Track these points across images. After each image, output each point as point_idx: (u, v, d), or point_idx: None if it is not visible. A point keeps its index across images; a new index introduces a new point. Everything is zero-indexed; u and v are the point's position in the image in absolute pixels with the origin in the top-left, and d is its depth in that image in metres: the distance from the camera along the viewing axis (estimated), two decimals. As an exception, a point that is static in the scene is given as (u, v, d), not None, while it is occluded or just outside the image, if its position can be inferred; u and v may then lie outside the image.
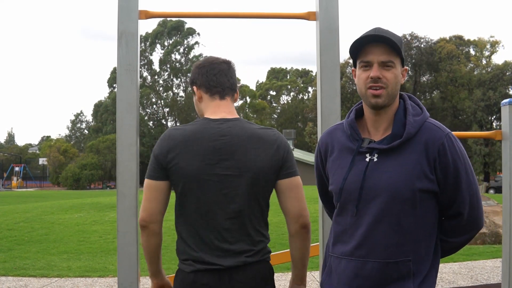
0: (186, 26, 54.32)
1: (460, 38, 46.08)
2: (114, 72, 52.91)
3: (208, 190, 2.01)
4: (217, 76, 2.14)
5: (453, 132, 1.94)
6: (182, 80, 55.52)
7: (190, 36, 54.73)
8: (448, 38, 45.51)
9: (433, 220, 1.87)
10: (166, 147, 2.03)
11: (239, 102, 56.91)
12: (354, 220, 1.87)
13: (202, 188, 2.01)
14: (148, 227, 2.05)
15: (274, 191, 2.14)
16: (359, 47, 1.87)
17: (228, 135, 2.03)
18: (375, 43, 1.84)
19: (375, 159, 1.85)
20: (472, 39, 45.96)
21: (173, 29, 53.91)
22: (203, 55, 55.30)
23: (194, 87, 2.19)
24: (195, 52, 55.15)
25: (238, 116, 2.15)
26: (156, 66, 55.20)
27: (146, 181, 2.06)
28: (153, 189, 2.04)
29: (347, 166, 1.90)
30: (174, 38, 54.52)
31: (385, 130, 1.90)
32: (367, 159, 1.86)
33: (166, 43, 54.77)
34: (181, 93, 55.57)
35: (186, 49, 54.56)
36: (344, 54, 45.87)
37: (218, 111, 2.12)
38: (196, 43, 54.90)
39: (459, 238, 1.92)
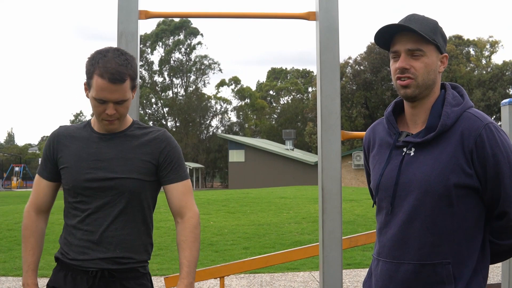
0: (191, 25, 54.27)
1: (459, 38, 46.12)
2: (114, 72, 52.71)
3: None
4: None
5: None
6: (183, 79, 55.51)
7: (193, 37, 54.70)
8: (447, 38, 45.51)
9: (476, 220, 1.71)
10: None
11: (239, 102, 56.91)
12: (389, 218, 1.76)
13: None
14: None
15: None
16: (390, 37, 1.77)
17: None
18: (402, 31, 1.74)
19: (412, 153, 1.74)
20: (471, 39, 45.99)
21: (177, 28, 53.89)
22: (208, 56, 55.34)
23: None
24: (196, 52, 55.15)
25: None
26: (156, 66, 55.18)
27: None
28: None
29: (384, 161, 1.80)
30: (176, 37, 54.49)
31: (423, 123, 1.78)
32: (404, 154, 1.76)
33: (168, 42, 54.75)
34: (182, 93, 55.57)
35: (188, 49, 54.56)
36: (344, 54, 45.88)
37: None
38: (199, 43, 54.89)
39: (508, 241, 1.73)
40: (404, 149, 1.76)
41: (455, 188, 1.66)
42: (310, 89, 58.63)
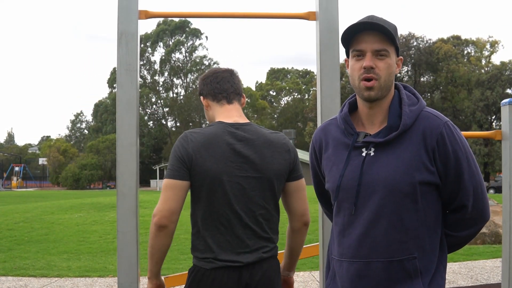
0: (191, 26, 54.18)
1: (458, 38, 46.13)
2: (114, 72, 52.88)
3: (231, 191, 2.10)
4: (220, 84, 2.28)
5: None
6: (183, 80, 55.43)
7: (195, 37, 54.60)
8: (445, 39, 45.56)
9: (436, 215, 1.77)
10: (190, 148, 2.10)
11: (239, 103, 56.83)
12: (353, 219, 1.76)
13: (225, 190, 2.10)
14: (168, 227, 2.06)
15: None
16: (352, 35, 1.77)
17: (244, 140, 2.15)
18: (368, 31, 1.74)
19: (372, 154, 1.75)
20: (470, 39, 46.00)
21: (177, 28, 53.82)
22: (206, 57, 55.28)
23: (201, 97, 2.33)
24: (198, 53, 55.04)
25: (248, 121, 2.26)
26: (157, 66, 55.09)
27: (168, 181, 2.09)
28: (177, 189, 2.08)
29: (343, 163, 1.80)
30: (176, 37, 54.41)
31: (380, 123, 1.80)
32: (364, 154, 1.77)
33: (168, 43, 54.64)
34: (182, 93, 55.49)
35: (189, 49, 54.49)
36: (344, 54, 45.78)
37: (230, 115, 2.23)
38: (200, 44, 54.84)
39: (465, 231, 1.81)
40: (363, 149, 1.77)
41: (420, 185, 1.71)
42: (310, 89, 58.60)
